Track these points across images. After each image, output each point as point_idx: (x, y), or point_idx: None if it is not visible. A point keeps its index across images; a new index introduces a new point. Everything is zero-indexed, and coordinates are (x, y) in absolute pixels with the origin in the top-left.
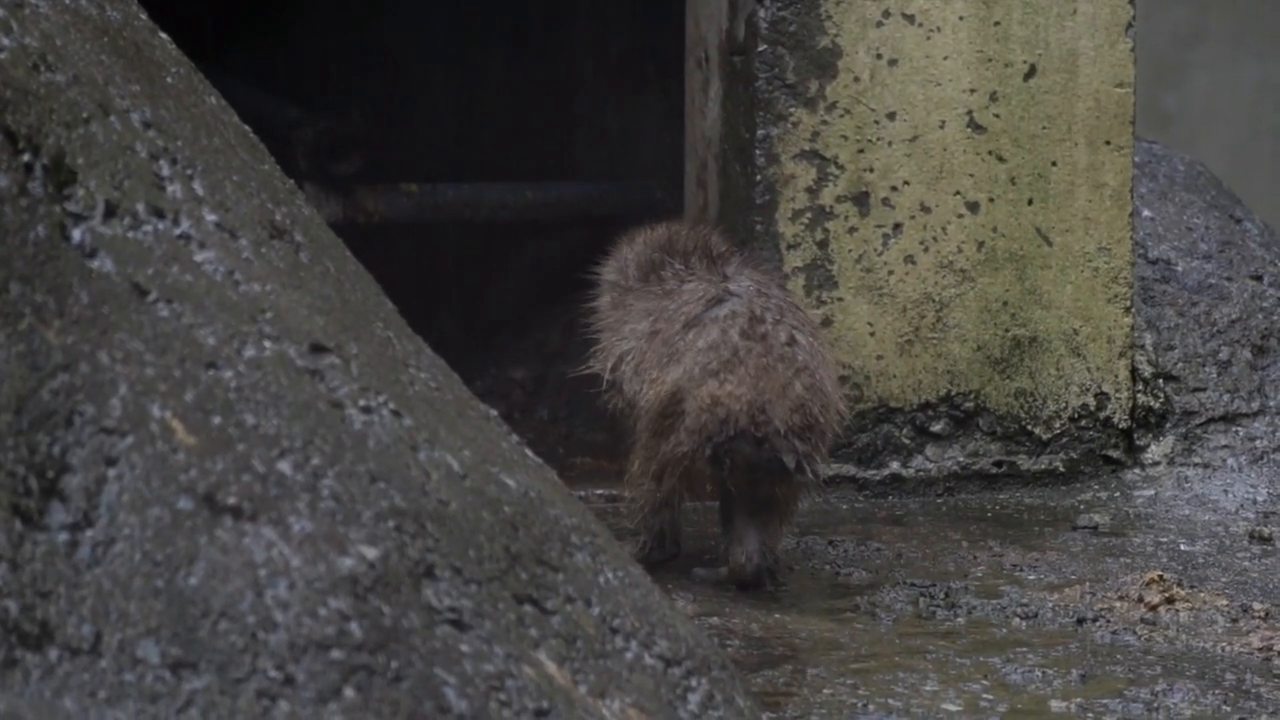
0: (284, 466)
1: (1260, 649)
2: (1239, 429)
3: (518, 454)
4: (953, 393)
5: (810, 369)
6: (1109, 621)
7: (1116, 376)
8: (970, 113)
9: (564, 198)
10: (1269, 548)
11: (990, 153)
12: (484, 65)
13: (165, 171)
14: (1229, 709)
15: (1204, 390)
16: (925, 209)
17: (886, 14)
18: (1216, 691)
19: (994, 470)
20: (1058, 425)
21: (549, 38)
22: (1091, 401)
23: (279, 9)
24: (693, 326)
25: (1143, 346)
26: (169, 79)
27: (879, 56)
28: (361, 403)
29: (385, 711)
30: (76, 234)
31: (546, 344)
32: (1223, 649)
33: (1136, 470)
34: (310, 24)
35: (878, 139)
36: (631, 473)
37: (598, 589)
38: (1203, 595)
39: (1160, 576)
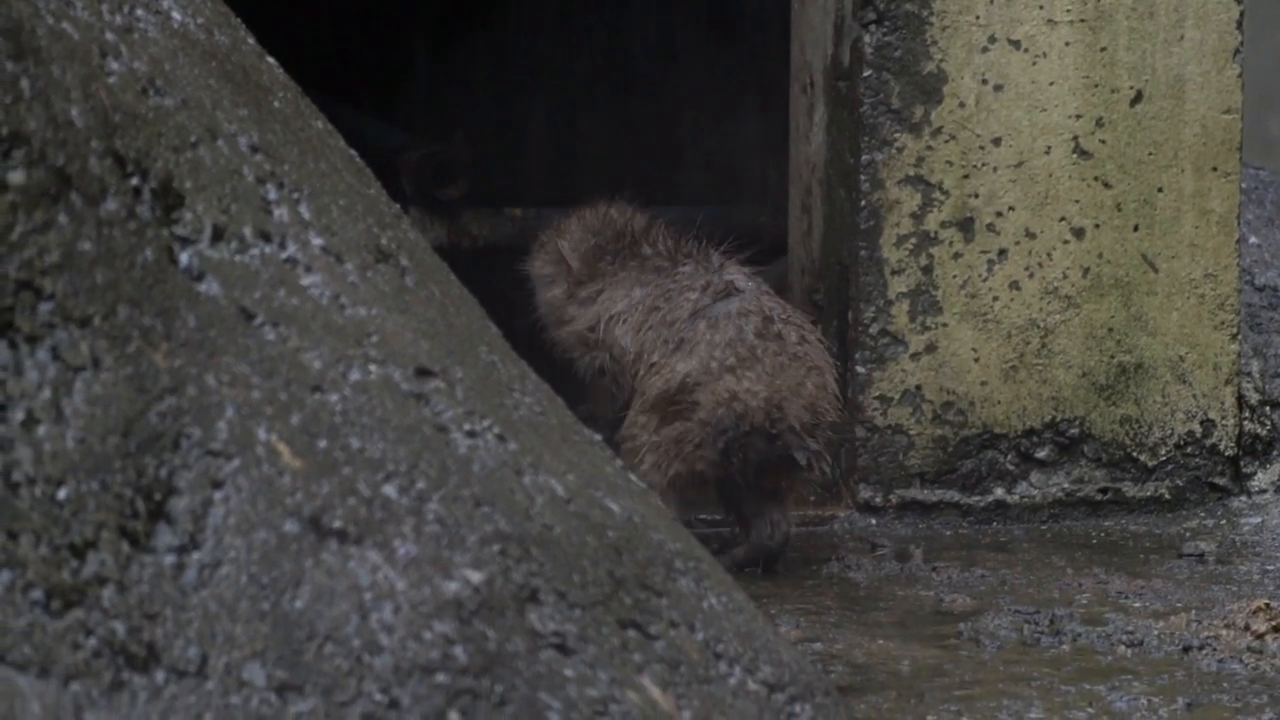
0: (389, 490)
1: None
2: None
3: (621, 479)
4: (1058, 419)
5: (820, 369)
6: (1215, 649)
7: (1223, 403)
8: (1076, 138)
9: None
10: None
11: (1096, 179)
12: (588, 90)
13: (272, 195)
14: None
15: None
16: (1030, 235)
17: (992, 39)
18: None
19: (1099, 497)
20: (1163, 452)
21: (653, 63)
22: (1197, 428)
23: (388, 36)
24: (701, 317)
25: (1249, 373)
26: (276, 103)
27: (984, 82)
28: (466, 427)
29: None
30: (184, 257)
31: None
32: None
33: (1243, 498)
34: (418, 51)
35: (983, 164)
36: (633, 431)
37: (701, 614)
38: None
39: (1267, 604)
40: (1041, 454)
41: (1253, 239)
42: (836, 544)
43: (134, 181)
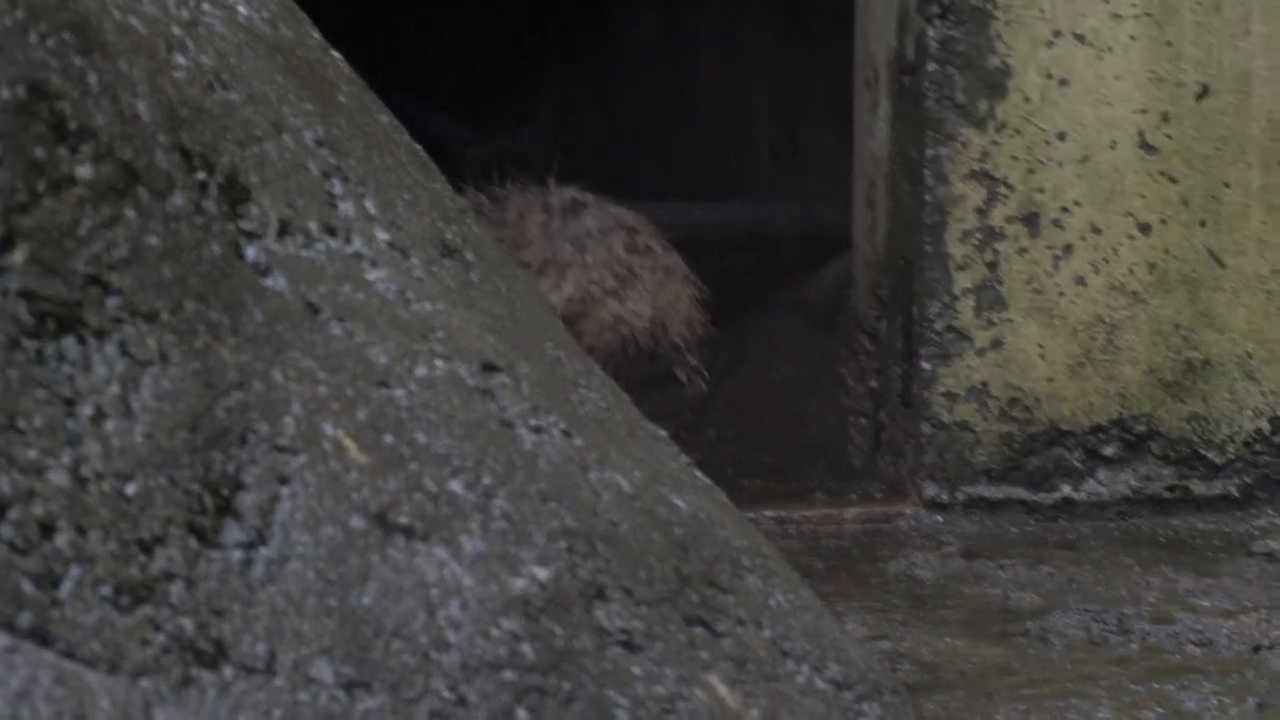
0: (455, 486)
1: None
2: None
3: (687, 475)
4: (1124, 416)
5: (689, 280)
6: None
7: None
8: (1142, 133)
9: (732, 217)
10: None
11: (1162, 174)
12: (654, 86)
13: (338, 190)
14: None
15: None
16: (1096, 230)
17: (1057, 34)
18: None
19: (1166, 495)
20: (1231, 450)
21: (718, 58)
22: (1266, 426)
23: (447, 31)
24: (561, 238)
25: None
26: (341, 97)
27: (1049, 76)
28: (532, 422)
29: None
30: (250, 252)
31: (715, 364)
32: None
33: None
34: (482, 47)
35: (1048, 159)
36: None
37: (768, 612)
38: None
39: None
40: (1108, 451)
41: None
42: (903, 541)
43: (200, 176)
